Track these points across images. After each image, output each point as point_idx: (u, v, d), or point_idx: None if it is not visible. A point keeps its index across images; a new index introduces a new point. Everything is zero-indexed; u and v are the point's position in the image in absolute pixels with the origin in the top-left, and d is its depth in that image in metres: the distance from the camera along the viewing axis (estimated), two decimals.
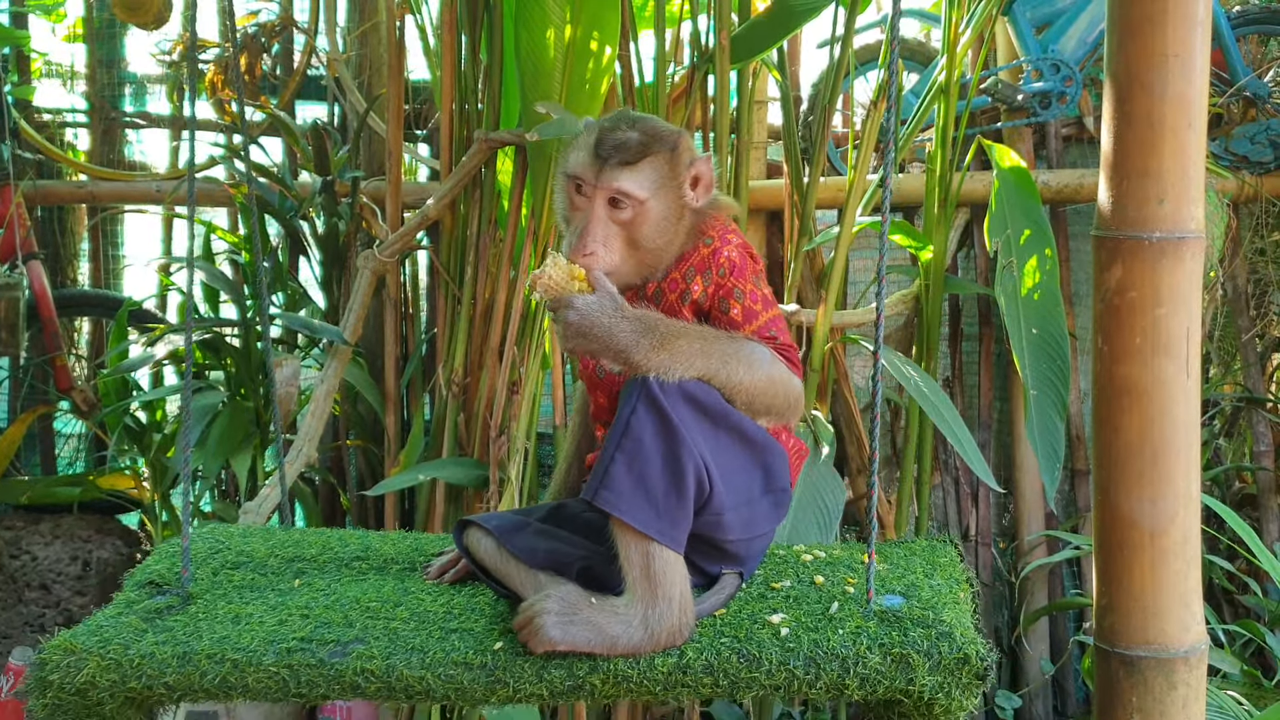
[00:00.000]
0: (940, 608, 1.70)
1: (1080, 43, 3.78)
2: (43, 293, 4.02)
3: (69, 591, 3.91)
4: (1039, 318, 3.11)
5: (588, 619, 1.63)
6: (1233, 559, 3.77)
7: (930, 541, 2.03)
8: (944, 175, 3.30)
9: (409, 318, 3.97)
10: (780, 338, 1.82)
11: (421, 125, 4.24)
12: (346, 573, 1.97)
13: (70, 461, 4.54)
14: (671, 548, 1.65)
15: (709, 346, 1.71)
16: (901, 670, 1.59)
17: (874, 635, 1.64)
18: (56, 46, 4.60)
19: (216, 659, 1.67)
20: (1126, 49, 1.78)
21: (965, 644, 1.61)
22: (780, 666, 1.61)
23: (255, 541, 2.13)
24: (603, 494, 1.64)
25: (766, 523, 1.82)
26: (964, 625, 1.67)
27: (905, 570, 1.88)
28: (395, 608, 1.80)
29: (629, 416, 1.65)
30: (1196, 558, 1.84)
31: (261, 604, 1.84)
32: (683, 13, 3.29)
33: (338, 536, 2.16)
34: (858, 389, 3.59)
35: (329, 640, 1.70)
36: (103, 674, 1.67)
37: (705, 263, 1.82)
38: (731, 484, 1.72)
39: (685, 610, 1.65)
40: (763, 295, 1.83)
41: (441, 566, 1.95)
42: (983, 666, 1.59)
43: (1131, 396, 1.81)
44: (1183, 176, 1.78)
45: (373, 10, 4.22)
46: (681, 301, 1.82)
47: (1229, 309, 4.02)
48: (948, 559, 1.95)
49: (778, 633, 1.66)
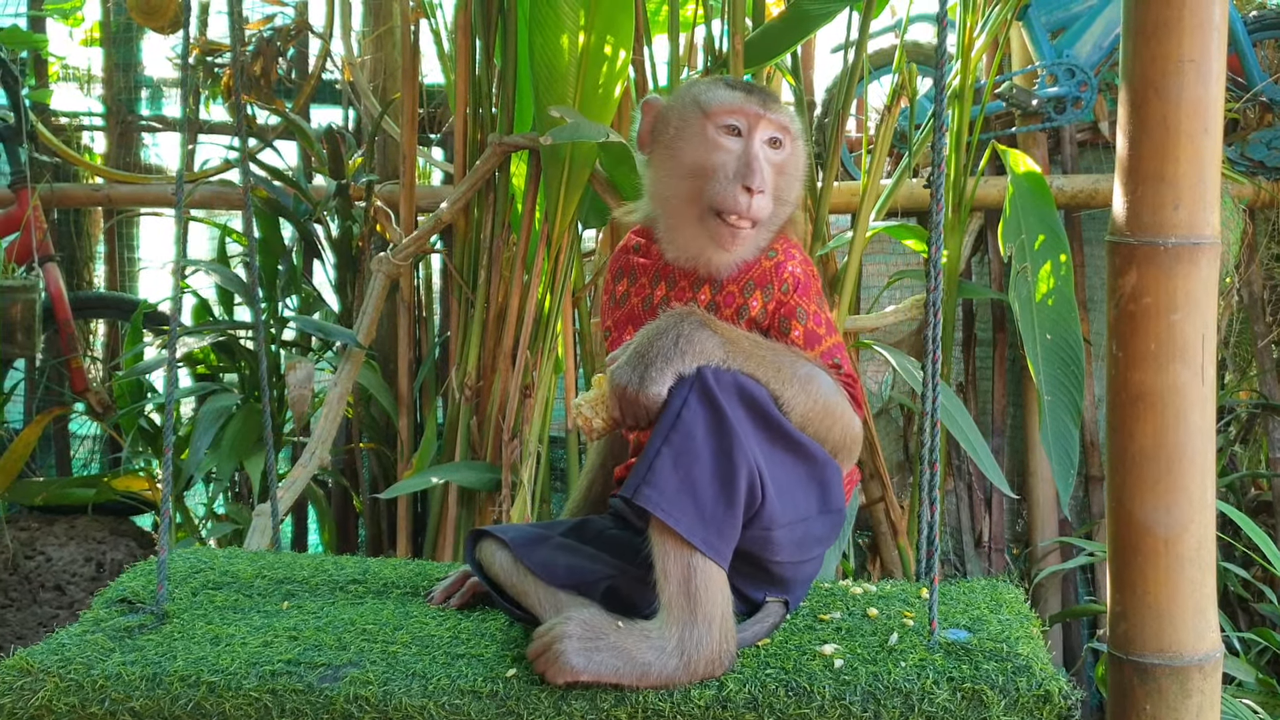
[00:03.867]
0: (1014, 641, 1.55)
1: (1095, 47, 3.77)
2: (59, 295, 4.04)
3: (83, 593, 3.92)
4: (1053, 323, 3.10)
5: (615, 644, 1.45)
6: (1248, 566, 3.75)
7: (990, 580, 1.89)
8: (958, 180, 3.29)
9: (422, 321, 3.98)
10: (844, 367, 1.68)
11: (436, 129, 4.25)
12: (341, 596, 1.81)
13: (85, 463, 4.56)
14: (716, 561, 1.48)
15: (764, 354, 1.56)
16: (974, 708, 1.44)
17: (941, 669, 1.47)
18: (74, 50, 4.64)
19: (190, 682, 1.51)
20: (1142, 54, 1.78)
21: (1045, 679, 1.45)
22: (835, 701, 1.44)
23: (241, 563, 1.97)
24: (645, 491, 1.47)
25: (819, 545, 1.65)
26: (1042, 660, 1.51)
27: (967, 605, 1.74)
28: (395, 631, 1.64)
29: (680, 408, 1.49)
30: (1211, 565, 1.83)
31: (245, 625, 1.67)
32: (697, 17, 3.30)
33: (332, 560, 2.01)
34: (871, 394, 3.59)
35: (319, 664, 1.53)
36: (60, 697, 1.51)
37: (767, 277, 1.68)
38: (786, 497, 1.55)
39: (727, 636, 1.47)
40: (826, 318, 1.70)
41: (446, 590, 1.80)
42: (1066, 706, 1.44)
43: (1146, 402, 1.80)
44: (1198, 182, 1.77)
45: (387, 15, 4.23)
46: (738, 317, 1.68)
47: (1244, 315, 4.00)
48: (1012, 596, 1.81)
49: (831, 664, 1.49)
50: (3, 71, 3.97)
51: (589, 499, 1.95)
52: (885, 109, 3.25)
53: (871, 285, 4.06)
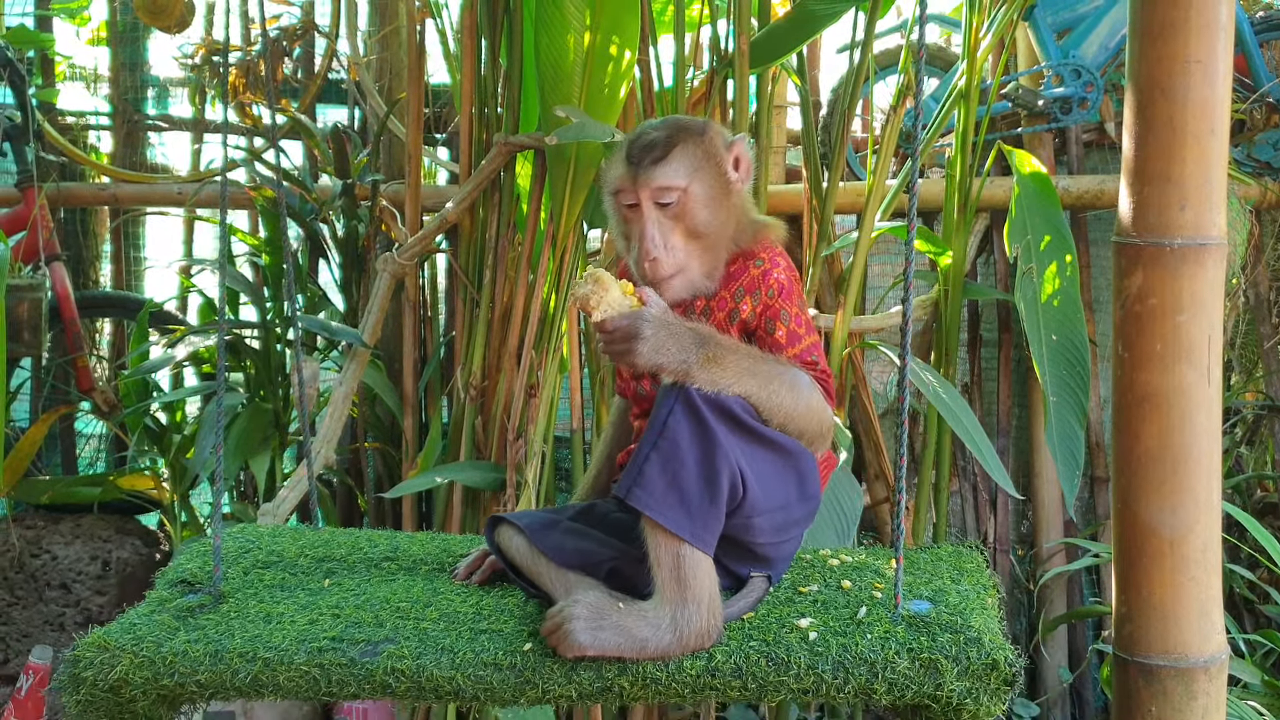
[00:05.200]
0: (968, 613, 1.71)
1: (1102, 48, 3.76)
2: (65, 294, 4.05)
3: (89, 591, 3.93)
4: (1059, 324, 3.10)
5: (616, 623, 1.64)
6: (1254, 568, 3.74)
7: (956, 547, 2.03)
8: (964, 180, 3.29)
9: (427, 321, 3.98)
10: (820, 363, 1.86)
11: (441, 129, 4.26)
12: (376, 573, 1.98)
13: (91, 462, 4.57)
14: (702, 549, 1.66)
15: (756, 366, 1.73)
16: (930, 675, 1.60)
17: (902, 640, 1.64)
18: (80, 50, 4.64)
19: (248, 657, 1.68)
20: (1148, 54, 1.77)
21: (993, 649, 1.61)
22: (809, 670, 1.62)
23: (285, 541, 2.14)
24: (636, 492, 1.65)
25: (797, 527, 1.84)
26: (992, 631, 1.67)
27: (932, 575, 1.88)
28: (425, 608, 1.81)
29: (666, 417, 1.67)
30: (1217, 566, 1.83)
31: (292, 603, 1.85)
32: (702, 17, 3.30)
33: (366, 537, 2.17)
34: (876, 394, 3.58)
35: (360, 640, 1.71)
36: (136, 671, 1.68)
37: (755, 283, 1.86)
38: (766, 489, 1.73)
39: (714, 613, 1.66)
40: (806, 319, 1.87)
41: (469, 566, 1.97)
42: (1011, 672, 1.59)
43: (1152, 404, 1.80)
44: (1205, 183, 1.77)
45: (393, 14, 4.24)
46: (730, 320, 1.85)
47: (1251, 316, 3.99)
48: (974, 564, 1.95)
49: (806, 637, 1.67)
50: (10, 71, 3.97)
51: (596, 486, 2.11)
52: (891, 109, 3.25)
53: (877, 286, 4.05)
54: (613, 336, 1.68)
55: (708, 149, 1.87)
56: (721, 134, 1.91)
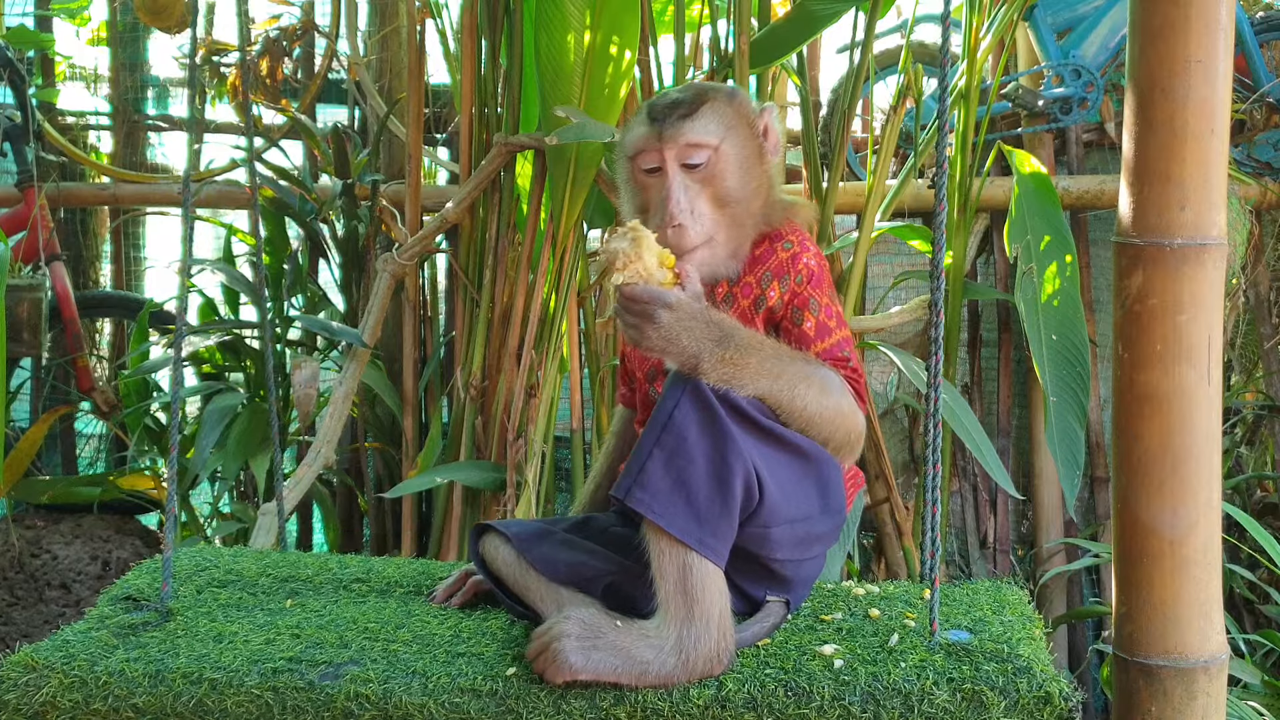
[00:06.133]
0: (1015, 642, 1.55)
1: (1102, 48, 3.76)
2: (65, 294, 4.05)
3: (89, 591, 3.93)
4: (1059, 324, 3.10)
5: (613, 643, 1.44)
6: (1254, 568, 3.74)
7: (994, 582, 1.88)
8: (964, 180, 3.29)
9: (427, 321, 3.98)
10: (851, 360, 1.69)
11: (441, 129, 4.26)
12: (345, 594, 1.82)
13: (91, 462, 4.57)
14: (711, 560, 1.46)
15: (782, 367, 1.54)
16: (974, 709, 1.43)
17: (941, 669, 1.47)
18: (80, 50, 4.64)
19: (193, 679, 1.52)
20: (1148, 54, 1.77)
21: (1046, 680, 1.45)
22: (834, 702, 1.43)
23: (246, 561, 1.98)
24: (636, 493, 1.46)
25: (820, 544, 1.63)
26: (1043, 661, 1.51)
27: (970, 606, 1.74)
28: (396, 629, 1.65)
29: (672, 409, 1.48)
30: (1217, 566, 1.83)
31: (248, 623, 1.68)
32: (702, 17, 3.30)
33: (337, 559, 2.02)
34: (876, 394, 3.58)
35: (320, 661, 1.54)
36: (64, 694, 1.52)
37: (784, 268, 1.69)
38: (785, 495, 1.53)
39: (725, 634, 1.46)
40: (837, 311, 1.71)
41: (449, 588, 1.80)
42: (1067, 707, 1.43)
43: (1152, 404, 1.79)
44: (1205, 183, 1.77)
45: (393, 14, 4.24)
46: (755, 308, 1.68)
47: (1251, 316, 3.99)
48: (1016, 598, 1.80)
49: (830, 665, 1.48)
50: (10, 71, 3.97)
51: (594, 501, 1.95)
52: (891, 109, 3.25)
53: (877, 286, 4.05)
54: (629, 306, 1.48)
55: (738, 111, 1.71)
56: (750, 100, 1.76)
